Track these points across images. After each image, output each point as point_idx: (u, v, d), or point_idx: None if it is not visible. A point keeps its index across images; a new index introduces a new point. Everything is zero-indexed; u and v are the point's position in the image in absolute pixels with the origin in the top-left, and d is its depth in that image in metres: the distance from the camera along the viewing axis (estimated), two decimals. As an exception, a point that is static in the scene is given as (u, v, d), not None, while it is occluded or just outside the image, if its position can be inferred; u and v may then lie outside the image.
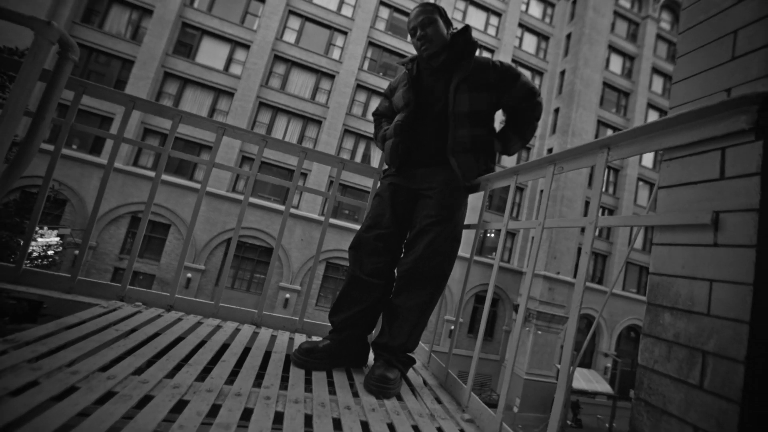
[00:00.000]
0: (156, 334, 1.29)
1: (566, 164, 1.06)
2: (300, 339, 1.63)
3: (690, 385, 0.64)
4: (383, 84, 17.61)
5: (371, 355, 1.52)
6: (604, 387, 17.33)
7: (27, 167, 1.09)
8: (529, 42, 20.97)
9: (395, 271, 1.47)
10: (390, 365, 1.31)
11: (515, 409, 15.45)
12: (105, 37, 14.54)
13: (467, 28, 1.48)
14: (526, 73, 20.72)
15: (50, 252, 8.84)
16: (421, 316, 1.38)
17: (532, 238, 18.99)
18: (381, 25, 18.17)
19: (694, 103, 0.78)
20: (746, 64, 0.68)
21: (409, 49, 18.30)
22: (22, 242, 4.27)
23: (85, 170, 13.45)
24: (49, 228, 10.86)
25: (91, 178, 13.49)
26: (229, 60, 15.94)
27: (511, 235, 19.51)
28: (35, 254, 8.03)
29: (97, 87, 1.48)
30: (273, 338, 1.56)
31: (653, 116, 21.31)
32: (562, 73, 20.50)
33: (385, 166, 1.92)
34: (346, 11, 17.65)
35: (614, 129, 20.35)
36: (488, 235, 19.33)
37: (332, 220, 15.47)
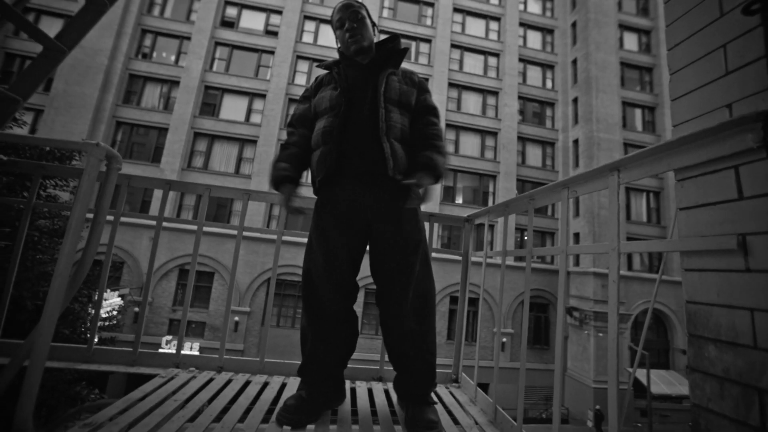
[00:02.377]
0: (212, 398, 1.38)
1: (579, 188, 1.04)
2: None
3: (751, 428, 0.59)
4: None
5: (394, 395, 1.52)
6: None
7: (90, 266, 1.25)
8: (534, 38, 20.75)
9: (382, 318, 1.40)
10: (428, 404, 1.34)
11: (589, 423, 14.10)
12: (142, 113, 16.28)
13: (396, 37, 1.47)
14: (535, 69, 20.39)
15: (114, 312, 9.63)
16: (433, 348, 1.39)
17: (574, 234, 17.98)
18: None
19: (696, 121, 0.76)
20: (741, 79, 0.66)
21: (405, 67, 18.73)
22: (90, 322, 4.72)
23: (136, 232, 14.73)
24: (111, 290, 11.91)
25: (141, 238, 14.73)
26: (249, 111, 17.16)
27: (550, 234, 18.60)
28: (103, 316, 8.79)
29: (139, 178, 1.68)
30: (283, 387, 1.59)
31: (684, 86, 19.88)
32: (574, 62, 19.94)
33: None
34: (349, 46, 18.56)
35: (642, 107, 19.23)
36: (525, 238, 18.56)
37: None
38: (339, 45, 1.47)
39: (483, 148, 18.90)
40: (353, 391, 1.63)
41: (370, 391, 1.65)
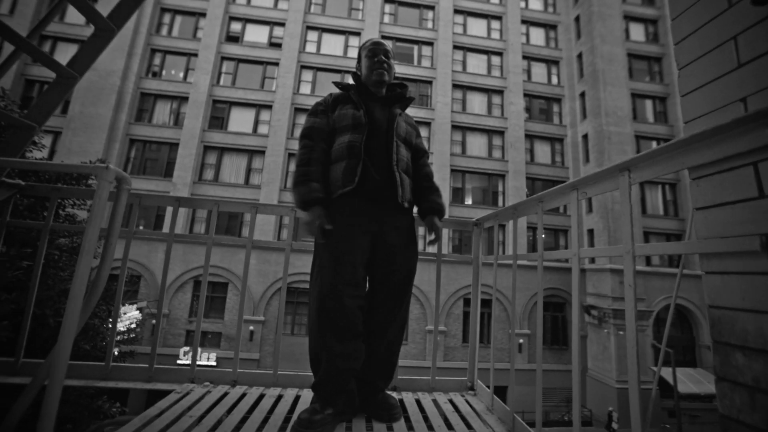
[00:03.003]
0: (227, 411, 1.38)
1: (589, 189, 1.01)
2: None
3: (787, 441, 0.55)
4: (411, 112, 18.06)
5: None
6: (717, 387, 14.78)
7: (104, 285, 1.27)
8: (537, 35, 20.59)
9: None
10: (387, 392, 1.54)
11: (615, 425, 13.65)
12: (154, 129, 16.73)
13: (406, 85, 1.67)
14: (539, 65, 20.19)
15: (133, 326, 9.83)
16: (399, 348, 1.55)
17: (588, 231, 17.60)
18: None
19: (709, 117, 0.73)
20: (755, 71, 0.63)
21: (409, 71, 18.77)
22: (107, 336, 4.83)
23: (151, 246, 15.07)
24: (129, 303, 12.18)
25: (157, 252, 15.05)
26: (256, 122, 17.45)
27: (563, 231, 18.26)
28: (122, 330, 8.98)
29: (149, 197, 1.71)
30: (296, 400, 1.58)
31: (695, 75, 19.35)
32: (579, 56, 19.68)
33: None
34: (352, 53, 18.74)
35: (653, 98, 18.79)
36: (542, 236, 18.24)
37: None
38: (361, 70, 1.63)
39: (490, 148, 18.75)
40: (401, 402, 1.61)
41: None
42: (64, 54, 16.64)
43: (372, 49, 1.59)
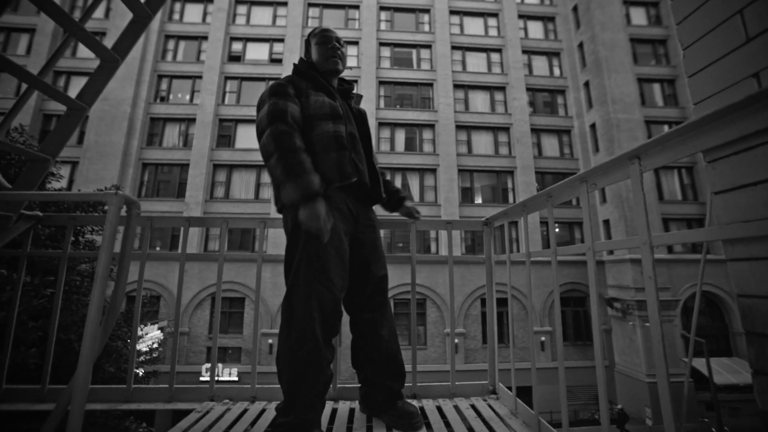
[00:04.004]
0: (247, 429, 1.38)
1: (599, 180, 0.98)
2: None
3: (838, 437, 0.51)
4: (404, 115, 18.15)
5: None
6: (755, 376, 14.02)
7: (120, 308, 1.29)
8: (535, 29, 20.46)
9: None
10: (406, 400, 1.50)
11: (648, 422, 13.10)
12: (165, 152, 17.20)
13: (352, 83, 1.63)
14: (540, 58, 19.97)
15: (155, 345, 10.00)
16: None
17: (603, 222, 17.18)
18: (386, 63, 19.13)
19: (720, 95, 0.70)
20: (766, 44, 0.60)
21: (409, 75, 18.84)
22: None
23: (168, 266, 15.38)
24: (150, 323, 12.42)
25: (174, 271, 15.35)
26: (263, 138, 17.76)
27: (578, 224, 17.87)
28: (144, 350, 9.16)
29: (160, 218, 1.75)
30: (352, 413, 1.56)
31: (703, 54, 18.79)
32: (580, 46, 19.44)
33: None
34: (352, 62, 18.96)
35: (660, 82, 18.35)
36: (555, 230, 17.88)
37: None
38: (314, 57, 1.51)
39: (497, 145, 18.58)
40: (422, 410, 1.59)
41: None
42: (77, 87, 17.33)
43: (324, 36, 1.51)
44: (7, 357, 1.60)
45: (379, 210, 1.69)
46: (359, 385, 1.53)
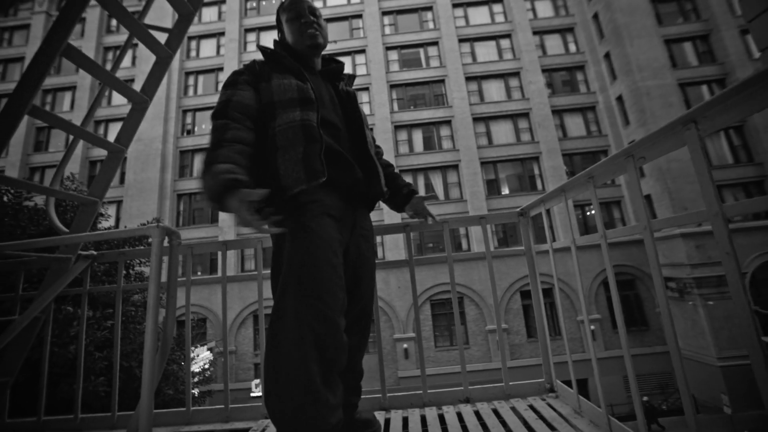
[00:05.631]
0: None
1: (648, 153, 0.89)
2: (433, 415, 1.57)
3: None
4: (419, 115, 18.06)
5: None
6: None
7: (173, 334, 1.35)
8: (544, 7, 19.73)
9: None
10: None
11: (727, 410, 11.90)
12: (196, 182, 18.20)
13: (340, 62, 1.37)
14: (553, 37, 19.19)
15: (206, 366, 10.48)
16: None
17: (645, 197, 16.03)
18: (394, 66, 19.18)
19: (791, 38, 0.61)
20: None
21: (419, 75, 18.72)
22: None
23: (211, 289, 16.16)
24: (200, 345, 13.06)
25: (216, 294, 16.10)
26: (284, 156, 18.34)
27: (616, 203, 16.85)
28: (197, 371, 9.62)
29: (199, 244, 1.82)
30: (405, 421, 1.53)
31: None
32: (595, 16, 18.49)
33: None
34: (360, 70, 19.20)
35: (692, 39, 16.97)
36: (588, 213, 16.99)
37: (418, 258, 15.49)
38: (287, 37, 1.28)
39: (518, 132, 18.00)
40: (441, 418, 1.54)
41: (459, 415, 1.54)
42: (115, 132, 18.83)
43: (294, 9, 1.25)
44: (80, 387, 1.72)
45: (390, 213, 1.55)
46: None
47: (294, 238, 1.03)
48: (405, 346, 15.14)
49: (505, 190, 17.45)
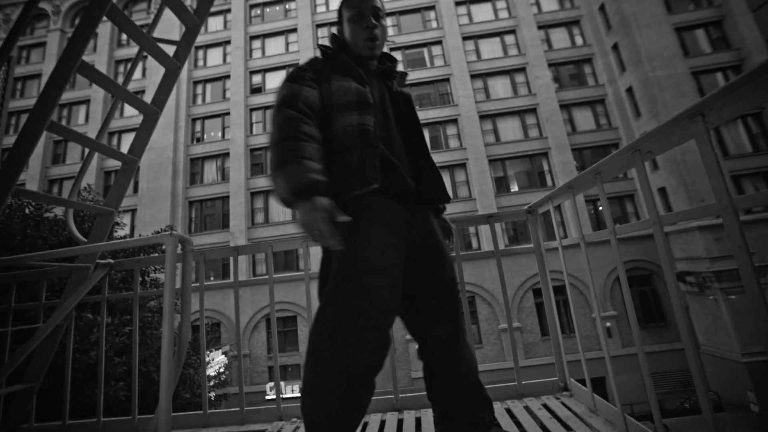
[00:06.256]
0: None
1: (655, 147, 0.88)
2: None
3: None
4: (425, 115, 18.04)
5: None
6: None
7: (188, 339, 1.38)
8: (549, 1, 19.51)
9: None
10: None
11: (754, 408, 11.44)
12: (206, 188, 18.53)
13: (395, 59, 1.35)
14: (558, 30, 18.93)
15: (221, 369, 10.66)
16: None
17: (658, 190, 15.66)
18: (398, 67, 19.17)
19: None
20: None
21: (424, 74, 18.67)
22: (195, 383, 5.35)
23: (223, 294, 16.40)
24: (215, 349, 13.29)
25: (229, 298, 16.33)
26: (292, 160, 18.53)
27: (629, 197, 16.49)
28: (213, 375, 9.79)
29: (210, 250, 1.86)
30: (418, 422, 1.53)
31: (750, -13, 16.70)
32: (602, 8, 18.17)
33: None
34: (365, 73, 19.27)
35: (704, 26, 16.51)
36: (600, 208, 16.66)
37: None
38: (346, 35, 1.23)
39: (525, 128, 17.80)
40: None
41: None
42: (128, 143, 19.33)
43: (357, 7, 1.19)
44: (101, 392, 1.78)
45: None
46: (434, 421, 1.18)
47: (345, 240, 0.98)
48: (417, 346, 15.08)
49: (515, 188, 17.26)
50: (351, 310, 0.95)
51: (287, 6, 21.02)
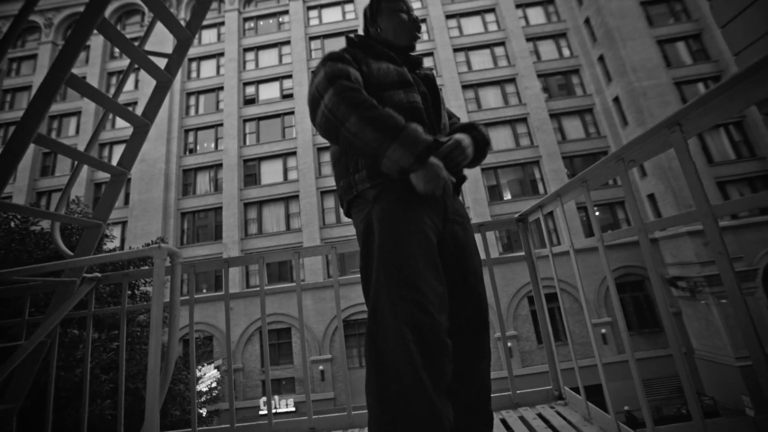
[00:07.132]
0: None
1: (637, 156, 0.91)
2: None
3: None
4: (414, 125, 18.20)
5: None
6: None
7: (176, 354, 1.35)
8: (536, 14, 20.08)
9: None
10: None
11: (749, 412, 11.47)
12: (199, 199, 18.37)
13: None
14: (546, 43, 19.44)
15: (214, 384, 10.37)
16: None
17: (647, 197, 15.96)
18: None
19: (762, 42, 0.63)
20: (809, -25, 0.54)
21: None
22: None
23: (216, 306, 16.12)
24: (207, 363, 12.96)
25: (222, 311, 16.05)
26: (285, 170, 18.50)
27: (620, 204, 16.75)
28: (205, 390, 9.52)
29: (201, 263, 1.84)
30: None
31: None
32: (587, 21, 18.77)
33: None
34: (358, 84, 19.50)
35: (684, 39, 17.15)
36: (596, 214, 16.85)
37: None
38: (384, 26, 1.22)
39: (517, 137, 18.10)
40: None
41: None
42: (119, 154, 19.16)
43: (405, 3, 1.23)
44: (86, 411, 1.72)
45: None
46: None
47: (383, 228, 0.95)
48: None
49: (508, 196, 17.44)
50: (405, 304, 0.90)
51: (281, 19, 21.31)
